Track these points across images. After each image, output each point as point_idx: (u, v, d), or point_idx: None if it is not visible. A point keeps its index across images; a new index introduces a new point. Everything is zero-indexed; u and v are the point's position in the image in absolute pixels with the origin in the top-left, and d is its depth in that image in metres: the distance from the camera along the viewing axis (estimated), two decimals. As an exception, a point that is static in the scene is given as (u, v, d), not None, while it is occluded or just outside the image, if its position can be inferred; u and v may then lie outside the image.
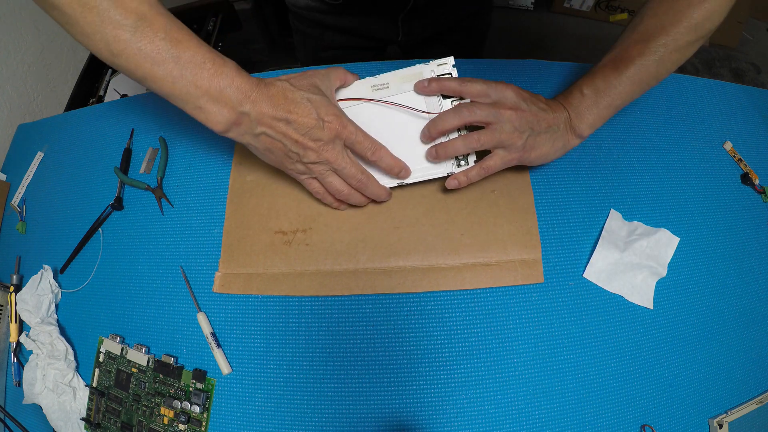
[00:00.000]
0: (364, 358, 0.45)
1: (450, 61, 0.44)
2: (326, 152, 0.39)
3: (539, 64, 0.57)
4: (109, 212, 0.55)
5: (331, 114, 0.38)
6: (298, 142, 0.38)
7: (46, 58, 0.86)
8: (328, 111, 0.38)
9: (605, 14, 1.82)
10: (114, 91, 0.92)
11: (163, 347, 0.48)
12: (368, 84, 0.45)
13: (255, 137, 0.39)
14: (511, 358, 0.44)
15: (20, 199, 0.61)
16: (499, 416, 0.43)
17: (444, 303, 0.46)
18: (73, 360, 0.50)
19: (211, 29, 1.19)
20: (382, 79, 0.44)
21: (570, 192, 0.50)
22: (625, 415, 0.43)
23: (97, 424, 0.47)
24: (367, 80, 0.45)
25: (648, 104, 0.56)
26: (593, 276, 0.46)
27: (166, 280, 0.50)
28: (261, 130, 0.38)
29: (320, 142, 0.38)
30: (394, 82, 0.44)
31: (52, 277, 0.53)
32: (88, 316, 0.51)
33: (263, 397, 0.45)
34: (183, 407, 0.45)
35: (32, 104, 0.82)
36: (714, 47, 1.79)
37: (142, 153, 0.58)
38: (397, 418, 0.43)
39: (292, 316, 0.47)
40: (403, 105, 0.44)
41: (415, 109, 0.44)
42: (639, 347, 0.45)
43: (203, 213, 0.52)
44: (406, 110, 0.44)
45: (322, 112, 0.38)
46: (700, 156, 0.53)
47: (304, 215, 0.49)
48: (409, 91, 0.44)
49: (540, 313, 0.45)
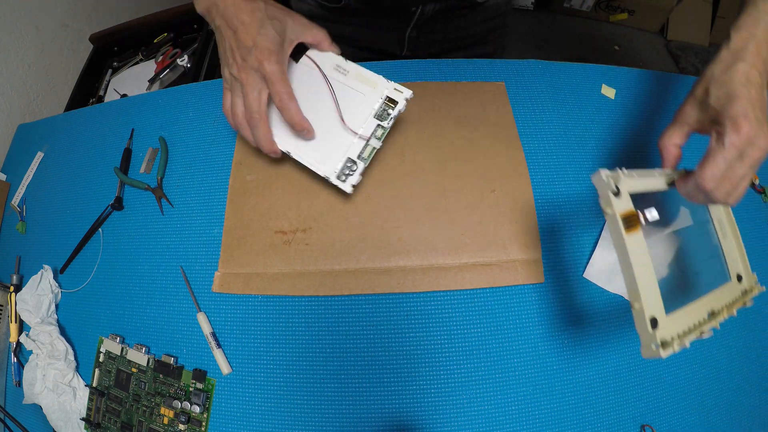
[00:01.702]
0: (364, 358, 0.45)
1: (407, 93, 0.43)
2: (243, 73, 0.40)
3: (539, 64, 0.57)
4: (109, 212, 0.55)
5: (266, 48, 0.39)
6: (232, 51, 0.40)
7: (46, 58, 0.86)
8: (266, 44, 0.39)
9: (605, 14, 1.82)
10: (114, 91, 0.92)
11: (163, 347, 0.48)
12: (335, 61, 0.45)
13: (215, 27, 0.42)
14: (511, 358, 0.44)
15: (20, 199, 0.61)
16: (499, 416, 0.43)
17: (444, 303, 0.46)
18: (73, 360, 0.50)
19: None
20: (349, 65, 0.45)
21: (570, 192, 0.50)
22: (625, 415, 0.43)
23: (97, 424, 0.47)
24: (338, 58, 0.46)
25: (648, 104, 0.56)
26: (593, 276, 0.46)
27: (166, 280, 0.50)
28: (218, 23, 0.41)
29: (244, 63, 0.40)
30: (353, 74, 0.45)
31: (52, 277, 0.53)
32: (88, 316, 0.51)
33: (263, 397, 0.45)
34: (183, 407, 0.45)
35: (32, 104, 0.82)
36: (714, 47, 1.79)
37: (142, 153, 0.58)
38: (397, 418, 0.43)
39: (292, 316, 0.47)
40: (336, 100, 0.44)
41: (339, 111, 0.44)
42: (639, 347, 0.45)
43: (203, 213, 0.52)
44: (334, 102, 0.44)
45: (261, 41, 0.39)
46: (700, 156, 0.53)
47: (304, 215, 0.49)
48: (358, 91, 0.44)
49: (540, 313, 0.45)
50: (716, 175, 0.34)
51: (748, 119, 0.33)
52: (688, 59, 1.76)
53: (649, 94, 0.56)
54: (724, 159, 0.33)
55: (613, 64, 0.58)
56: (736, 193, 0.34)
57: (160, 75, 0.89)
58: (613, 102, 0.55)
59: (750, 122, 0.32)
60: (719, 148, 0.33)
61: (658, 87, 0.57)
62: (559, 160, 0.52)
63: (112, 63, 0.96)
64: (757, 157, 0.33)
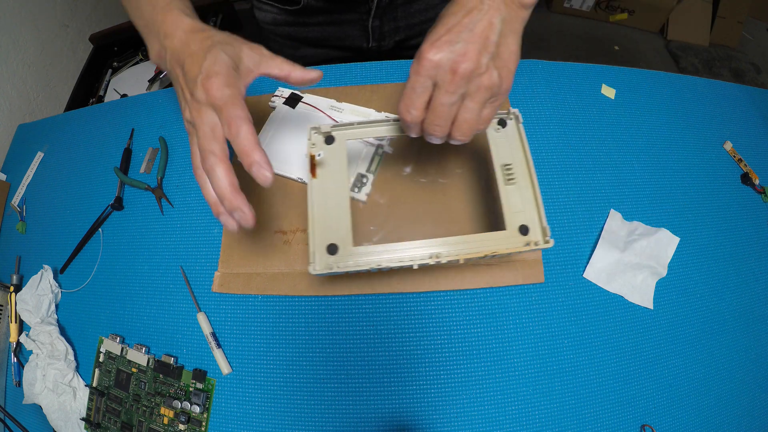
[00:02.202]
0: (364, 358, 0.45)
1: None
2: (194, 111, 0.33)
3: (539, 64, 0.57)
4: (109, 212, 0.55)
5: (213, 71, 0.32)
6: (183, 90, 0.35)
7: (46, 58, 0.86)
8: (213, 67, 0.33)
9: (605, 14, 1.82)
10: (114, 91, 0.92)
11: (163, 347, 0.48)
12: (328, 102, 0.50)
13: (169, 72, 0.37)
14: (511, 358, 0.44)
15: (20, 199, 0.61)
16: (499, 416, 0.43)
17: (444, 303, 0.46)
18: (73, 360, 0.50)
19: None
20: (342, 105, 0.50)
21: (570, 192, 0.50)
22: (625, 415, 0.43)
23: (97, 424, 0.47)
24: (330, 99, 0.50)
25: (648, 104, 0.56)
26: (593, 276, 0.46)
27: (166, 280, 0.50)
28: (170, 65, 0.36)
29: (192, 98, 0.34)
30: (348, 111, 0.50)
31: (52, 277, 0.53)
32: (88, 316, 0.51)
33: (263, 397, 0.45)
34: (183, 407, 0.45)
35: (32, 104, 0.82)
36: (714, 47, 1.79)
37: (142, 153, 0.58)
38: (397, 418, 0.43)
39: (292, 316, 0.47)
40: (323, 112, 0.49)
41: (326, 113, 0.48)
42: (639, 347, 0.45)
43: (203, 213, 0.52)
44: None
45: (208, 65, 0.33)
46: (700, 156, 0.53)
47: (304, 215, 0.49)
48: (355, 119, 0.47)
49: (540, 313, 0.45)
50: (408, 106, 0.34)
51: (434, 45, 0.32)
52: (688, 59, 1.76)
53: (649, 94, 0.56)
54: (410, 88, 0.34)
55: (613, 64, 0.58)
56: (453, 126, 0.35)
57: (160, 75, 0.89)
58: (613, 102, 0.55)
59: (436, 48, 0.32)
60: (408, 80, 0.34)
61: (658, 87, 0.57)
62: (559, 160, 0.52)
63: (112, 63, 0.96)
64: (456, 82, 0.32)
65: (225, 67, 0.33)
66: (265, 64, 0.37)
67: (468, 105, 0.34)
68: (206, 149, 0.33)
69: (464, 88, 0.33)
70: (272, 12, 0.64)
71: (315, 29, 0.65)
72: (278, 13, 0.63)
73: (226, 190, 0.33)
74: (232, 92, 0.33)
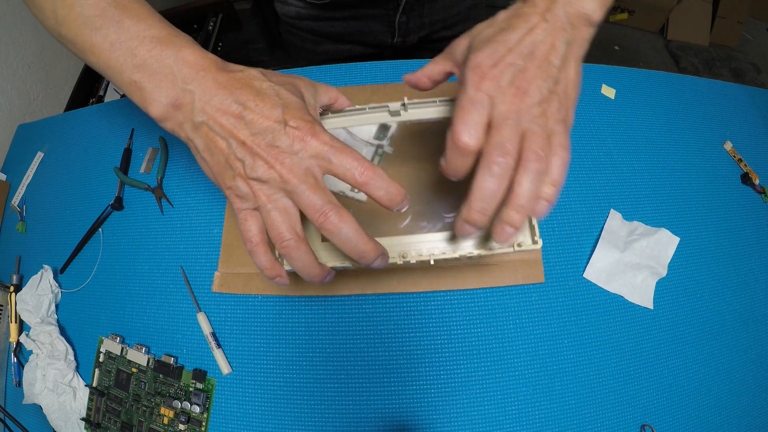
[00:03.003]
0: (364, 358, 0.45)
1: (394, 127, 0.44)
2: (282, 164, 0.26)
3: (539, 64, 0.57)
4: (109, 212, 0.55)
5: (300, 118, 0.27)
6: (245, 145, 0.27)
7: (46, 58, 0.86)
8: (296, 114, 0.27)
9: (605, 14, 1.82)
10: (114, 91, 0.92)
11: (163, 347, 0.48)
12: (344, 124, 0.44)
13: (194, 128, 0.28)
14: (511, 358, 0.44)
15: (20, 199, 0.61)
16: (499, 416, 0.43)
17: (444, 303, 0.46)
18: (73, 360, 0.50)
19: (211, 29, 1.19)
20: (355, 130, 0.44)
21: (570, 192, 0.50)
22: (625, 415, 0.43)
23: (97, 424, 0.47)
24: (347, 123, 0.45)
25: (648, 104, 0.56)
26: (593, 276, 0.46)
27: (166, 280, 0.50)
28: (202, 118, 0.27)
29: (276, 149, 0.27)
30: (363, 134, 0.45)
31: (52, 277, 0.53)
32: (88, 316, 0.51)
33: (263, 397, 0.45)
34: (183, 407, 0.45)
35: (32, 104, 0.82)
36: (714, 47, 1.79)
37: (142, 153, 0.58)
38: (397, 418, 0.43)
39: (292, 316, 0.47)
40: None
41: None
42: (639, 347, 0.45)
43: (203, 213, 0.52)
44: None
45: (290, 113, 0.27)
46: (700, 156, 0.53)
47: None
48: None
49: (540, 313, 0.45)
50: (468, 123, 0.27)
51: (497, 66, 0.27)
52: (688, 59, 1.76)
53: (649, 94, 0.56)
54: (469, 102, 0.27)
55: (613, 64, 0.58)
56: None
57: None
58: (613, 102, 0.55)
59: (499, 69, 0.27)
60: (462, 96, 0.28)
61: (658, 87, 0.57)
62: (559, 160, 0.52)
63: (112, 63, 0.96)
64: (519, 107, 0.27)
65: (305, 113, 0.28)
66: (320, 96, 0.33)
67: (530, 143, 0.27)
68: (322, 208, 0.27)
69: None
70: (297, 6, 0.63)
71: (339, 24, 0.65)
72: (304, 7, 0.63)
73: (314, 270, 0.30)
74: (330, 136, 0.28)
